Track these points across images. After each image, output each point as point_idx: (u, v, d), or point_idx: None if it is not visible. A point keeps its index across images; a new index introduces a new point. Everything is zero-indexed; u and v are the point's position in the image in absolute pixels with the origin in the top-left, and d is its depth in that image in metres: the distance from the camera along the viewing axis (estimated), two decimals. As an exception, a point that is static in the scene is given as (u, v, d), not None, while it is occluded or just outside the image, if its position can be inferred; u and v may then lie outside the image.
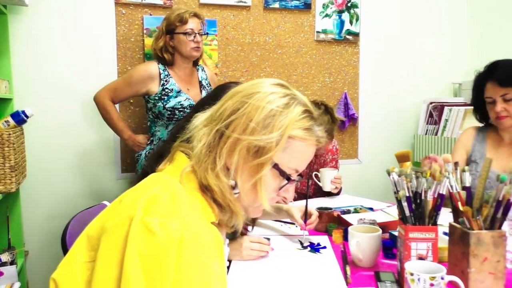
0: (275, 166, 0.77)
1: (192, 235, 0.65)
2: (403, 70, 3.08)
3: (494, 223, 1.00)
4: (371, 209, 1.76)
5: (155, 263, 0.62)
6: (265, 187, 0.76)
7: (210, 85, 2.28)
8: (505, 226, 1.10)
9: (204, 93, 2.20)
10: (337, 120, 2.09)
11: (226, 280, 0.71)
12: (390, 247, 1.27)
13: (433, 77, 3.10)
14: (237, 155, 0.74)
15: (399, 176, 1.03)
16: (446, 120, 2.82)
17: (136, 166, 2.23)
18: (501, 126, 1.72)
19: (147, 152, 2.15)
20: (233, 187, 0.76)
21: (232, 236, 1.26)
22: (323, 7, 2.82)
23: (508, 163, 1.62)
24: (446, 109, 2.79)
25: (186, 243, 0.63)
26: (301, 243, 1.40)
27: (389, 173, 1.06)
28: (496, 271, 0.99)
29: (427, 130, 2.96)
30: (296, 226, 1.57)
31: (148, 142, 2.18)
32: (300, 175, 0.82)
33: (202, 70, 2.30)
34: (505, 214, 0.99)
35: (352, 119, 2.96)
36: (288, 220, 1.61)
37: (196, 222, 0.69)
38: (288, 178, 0.79)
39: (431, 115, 2.95)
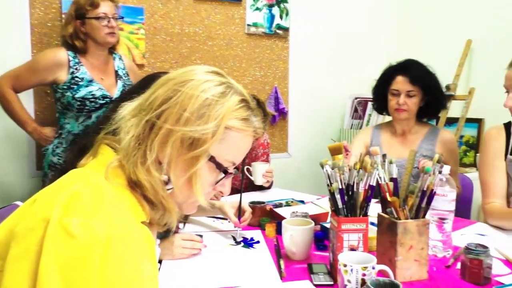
0: (211, 159, 0.72)
1: (119, 235, 0.59)
2: (330, 66, 3.17)
3: (419, 213, 1.05)
4: (302, 201, 1.78)
5: (75, 270, 0.55)
6: (200, 182, 0.71)
7: (127, 75, 2.12)
8: (428, 215, 1.16)
9: (120, 83, 2.04)
10: (269, 114, 2.11)
11: (158, 281, 0.66)
12: (321, 238, 1.29)
13: (358, 73, 3.22)
14: (170, 148, 0.69)
15: (332, 169, 1.04)
16: (370, 115, 2.96)
17: (42, 162, 2.03)
18: (398, 117, 1.90)
19: (54, 147, 1.96)
20: (166, 183, 0.71)
21: (164, 235, 1.19)
22: (254, 0, 2.81)
23: (401, 152, 1.83)
24: (369, 104, 2.92)
25: (113, 244, 0.58)
26: (234, 239, 1.37)
27: (322, 166, 1.06)
28: (421, 258, 1.04)
29: (352, 124, 3.09)
30: (229, 222, 1.54)
31: (56, 135, 1.98)
32: (236, 168, 0.79)
33: (120, 58, 2.13)
34: (429, 203, 1.04)
35: (282, 113, 2.99)
36: (221, 215, 1.58)
37: (124, 220, 0.63)
38: (225, 171, 0.75)
39: (356, 110, 3.07)
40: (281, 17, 2.92)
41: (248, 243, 1.34)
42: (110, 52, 2.07)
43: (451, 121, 2.75)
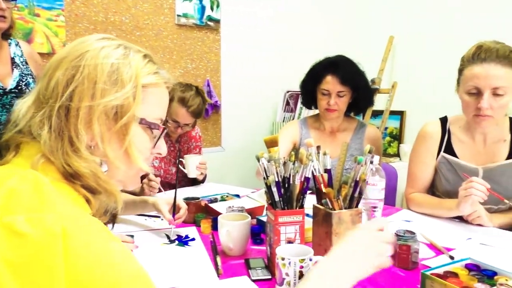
0: (142, 122, 0.71)
1: (74, 224, 0.54)
2: (262, 59, 3.18)
3: (352, 202, 1.07)
4: (238, 196, 1.77)
5: (35, 271, 0.50)
6: (137, 148, 0.70)
7: (26, 63, 1.92)
8: (361, 205, 1.20)
9: (16, 72, 1.84)
10: (207, 101, 2.08)
11: (133, 256, 0.61)
12: (258, 232, 1.28)
13: (290, 66, 3.27)
14: (97, 125, 0.65)
15: (269, 161, 1.02)
16: (301, 108, 3.02)
17: None
18: (328, 117, 1.92)
19: None
20: (100, 164, 0.67)
21: None
22: (184, -10, 2.73)
23: (333, 151, 1.81)
24: (300, 97, 2.97)
25: (71, 234, 0.53)
26: (168, 237, 1.32)
27: (258, 159, 1.04)
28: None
29: (284, 117, 3.13)
30: (162, 220, 1.48)
31: None
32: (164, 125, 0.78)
33: (17, 45, 1.91)
34: (361, 193, 1.07)
35: (215, 107, 2.95)
36: (153, 213, 1.51)
37: (73, 210, 0.58)
38: (158, 129, 0.75)
39: (288, 103, 3.12)
40: (211, 8, 2.87)
41: (183, 241, 1.29)
42: (4, 38, 1.86)
43: (376, 114, 2.90)
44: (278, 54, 3.25)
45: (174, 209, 1.38)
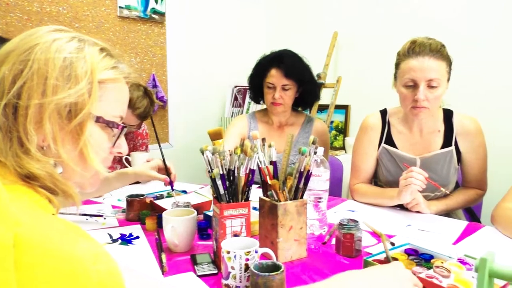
0: (100, 120, 0.66)
1: (31, 229, 0.49)
2: (209, 53, 3.15)
3: (297, 193, 1.08)
4: (185, 191, 1.73)
5: None
6: (94, 150, 0.65)
7: None
8: (306, 195, 1.21)
9: None
10: (155, 103, 2.01)
11: (105, 254, 0.54)
12: (205, 228, 1.26)
13: (237, 61, 3.26)
14: (48, 125, 0.60)
15: (213, 154, 1.00)
16: (250, 103, 3.02)
17: None
18: (275, 111, 1.93)
19: None
20: (55, 166, 0.62)
21: None
22: (125, -19, 2.63)
23: (279, 144, 1.82)
24: (249, 92, 2.97)
25: (27, 241, 0.47)
26: (111, 236, 1.26)
27: (202, 152, 1.02)
28: (300, 237, 1.08)
29: (232, 112, 3.12)
30: (105, 219, 1.42)
31: None
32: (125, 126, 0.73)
33: None
34: (306, 184, 1.08)
35: (162, 102, 2.88)
36: (96, 213, 1.45)
37: (31, 214, 0.52)
38: (117, 127, 0.70)
39: (236, 98, 3.11)
40: (156, 1, 2.79)
41: (126, 239, 1.24)
42: None
43: (322, 108, 2.96)
44: (225, 49, 3.23)
45: (166, 170, 1.37)
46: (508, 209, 1.29)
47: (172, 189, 1.37)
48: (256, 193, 1.22)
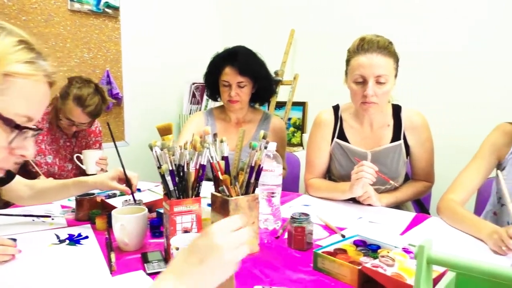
0: None
1: None
2: (166, 50, 3.10)
3: (248, 188, 1.08)
4: (139, 190, 1.69)
5: None
6: None
7: None
8: (259, 191, 1.21)
9: None
10: (108, 100, 1.94)
11: None
12: (157, 225, 1.24)
13: (195, 57, 3.23)
14: None
15: (162, 149, 0.99)
16: (207, 100, 3.00)
17: None
18: (232, 108, 1.93)
19: None
20: None
21: None
22: (77, -27, 2.54)
23: (237, 140, 1.83)
24: (206, 89, 2.95)
25: None
26: (58, 237, 1.21)
27: (151, 148, 1.00)
28: (252, 232, 1.08)
29: (191, 109, 3.08)
30: (53, 219, 1.37)
31: None
32: (39, 128, 0.68)
33: None
34: (257, 178, 1.08)
35: (117, 99, 2.81)
36: (43, 213, 1.39)
37: None
38: (18, 127, 0.64)
39: (194, 95, 3.08)
40: (109, -5, 2.71)
41: (74, 239, 1.20)
42: None
43: (280, 105, 2.98)
44: (182, 45, 3.18)
45: (127, 180, 1.33)
46: (452, 200, 1.36)
47: (135, 201, 1.33)
48: (212, 189, 1.21)
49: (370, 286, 0.89)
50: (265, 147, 1.07)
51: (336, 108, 1.68)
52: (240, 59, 1.84)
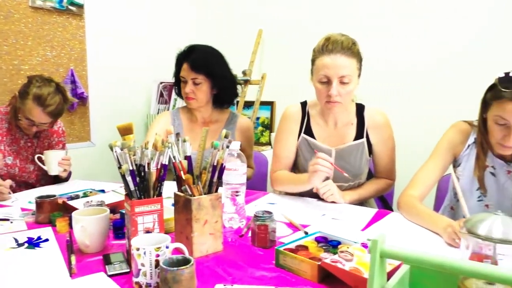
0: None
1: None
2: (133, 49, 3.05)
3: (211, 187, 1.08)
4: (103, 191, 1.67)
5: None
6: None
7: None
8: (223, 190, 1.22)
9: None
10: (69, 101, 1.89)
11: None
12: (120, 226, 1.22)
13: (162, 56, 3.19)
14: None
15: (122, 149, 0.98)
16: (176, 99, 2.98)
17: None
18: (189, 106, 1.94)
19: None
20: None
21: None
22: (38, -31, 2.47)
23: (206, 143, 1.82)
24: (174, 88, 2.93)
25: None
26: (16, 241, 1.18)
27: (111, 148, 0.99)
28: (215, 231, 1.08)
29: (159, 109, 3.05)
30: (12, 222, 1.33)
31: None
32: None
33: None
34: (220, 177, 1.08)
35: (82, 99, 2.75)
36: (1, 216, 1.35)
37: None
38: None
39: (161, 95, 3.04)
40: (73, -8, 2.65)
41: (34, 243, 1.17)
42: None
43: (248, 104, 2.99)
44: (149, 44, 3.15)
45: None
46: (411, 196, 1.40)
47: None
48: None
49: (329, 281, 0.91)
50: (227, 146, 1.08)
51: (303, 104, 1.71)
52: (195, 56, 1.85)
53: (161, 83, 3.04)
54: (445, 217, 1.25)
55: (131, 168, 0.97)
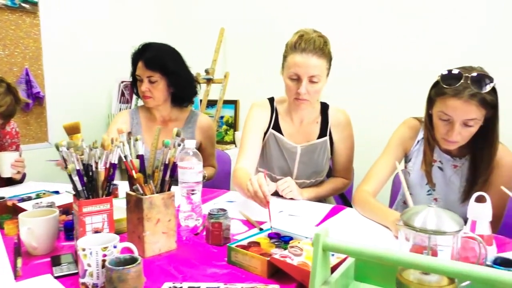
0: None
1: None
2: (92, 47, 2.98)
3: (163, 186, 1.07)
4: (57, 192, 1.62)
5: None
6: None
7: None
8: (178, 189, 1.21)
9: None
10: (22, 101, 1.83)
11: None
12: (71, 228, 1.19)
13: (123, 55, 3.12)
14: None
15: (68, 149, 0.96)
16: (137, 99, 2.93)
17: None
18: (146, 104, 1.91)
19: None
20: None
21: None
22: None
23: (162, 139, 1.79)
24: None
25: None
26: (-40, 245, 1.13)
27: (57, 147, 0.97)
28: (168, 229, 1.08)
29: (120, 108, 3.00)
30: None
31: None
32: None
33: None
34: (172, 176, 1.08)
35: (38, 99, 2.66)
36: None
37: None
38: None
39: (123, 94, 2.99)
40: (26, -12, 2.56)
41: (-22, 247, 1.13)
42: None
43: (212, 103, 2.99)
44: (109, 42, 3.08)
45: None
46: (365, 191, 1.44)
47: None
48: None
49: (279, 276, 0.92)
50: (179, 145, 1.07)
51: (271, 100, 1.72)
52: (149, 54, 1.82)
53: (122, 82, 2.99)
54: (395, 212, 1.29)
55: (77, 168, 0.95)
